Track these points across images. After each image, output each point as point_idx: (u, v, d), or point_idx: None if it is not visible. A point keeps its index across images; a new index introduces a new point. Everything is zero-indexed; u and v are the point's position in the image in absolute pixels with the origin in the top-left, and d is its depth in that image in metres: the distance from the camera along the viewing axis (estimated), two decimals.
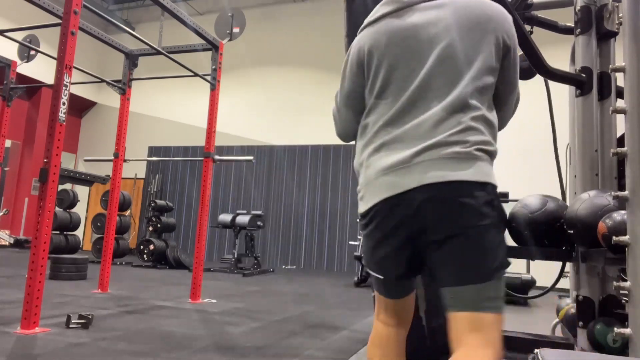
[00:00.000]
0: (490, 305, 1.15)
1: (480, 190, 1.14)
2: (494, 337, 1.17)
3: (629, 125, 1.40)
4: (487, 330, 1.15)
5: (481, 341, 1.15)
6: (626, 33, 1.44)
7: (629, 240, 1.36)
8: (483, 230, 1.14)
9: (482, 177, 1.15)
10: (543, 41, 2.93)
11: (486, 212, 1.14)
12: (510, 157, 8.71)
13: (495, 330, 1.17)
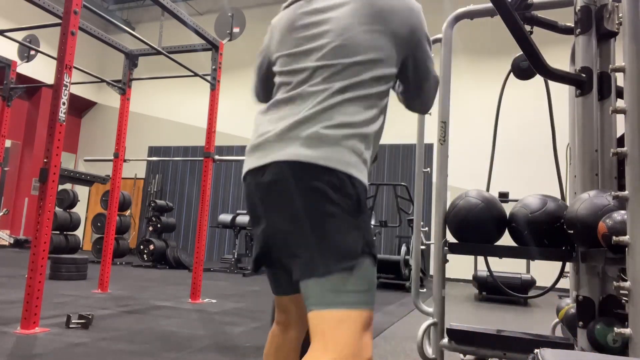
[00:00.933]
0: (339, 301, 0.98)
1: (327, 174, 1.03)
2: (338, 340, 0.96)
3: (629, 125, 1.40)
4: (330, 332, 0.97)
5: (320, 345, 0.97)
6: (626, 33, 1.44)
7: (629, 240, 1.36)
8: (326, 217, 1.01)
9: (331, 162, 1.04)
10: (543, 41, 2.93)
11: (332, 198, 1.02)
12: (510, 157, 8.71)
13: (341, 331, 0.97)
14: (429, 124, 2.67)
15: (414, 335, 2.18)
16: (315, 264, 1.00)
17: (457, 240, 2.17)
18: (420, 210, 2.72)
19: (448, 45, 2.37)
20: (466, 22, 2.49)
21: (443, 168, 2.31)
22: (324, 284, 0.99)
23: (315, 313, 0.98)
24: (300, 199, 1.02)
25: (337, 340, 0.96)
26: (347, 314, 0.98)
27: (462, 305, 5.49)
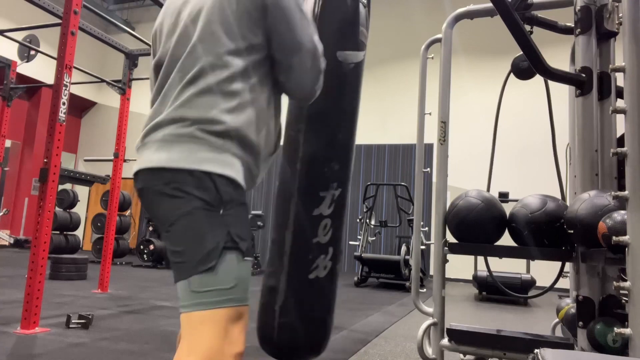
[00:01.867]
0: (198, 302, 0.96)
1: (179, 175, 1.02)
2: (200, 342, 0.95)
3: (629, 125, 1.40)
4: (192, 334, 0.96)
5: (184, 347, 0.96)
6: (626, 33, 1.44)
7: (629, 240, 1.36)
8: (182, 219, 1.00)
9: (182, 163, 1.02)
10: (543, 41, 2.93)
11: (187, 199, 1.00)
12: (510, 157, 8.71)
13: (203, 332, 0.95)
14: (429, 124, 2.67)
15: (414, 335, 2.18)
16: (179, 267, 1.00)
17: (457, 240, 2.17)
18: (420, 210, 2.72)
19: (448, 45, 2.37)
20: (466, 22, 2.49)
21: (443, 168, 2.31)
22: (187, 286, 0.98)
23: (183, 315, 0.99)
24: (158, 205, 1.05)
25: (199, 342, 0.95)
26: (208, 314, 0.96)
27: (462, 305, 5.49)
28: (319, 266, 2.07)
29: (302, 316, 2.07)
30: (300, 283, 2.07)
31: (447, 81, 2.36)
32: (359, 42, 2.17)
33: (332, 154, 2.11)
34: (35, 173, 10.86)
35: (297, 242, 2.08)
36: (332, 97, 2.13)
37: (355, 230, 9.49)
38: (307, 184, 2.09)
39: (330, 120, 2.14)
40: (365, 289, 6.58)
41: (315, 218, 2.07)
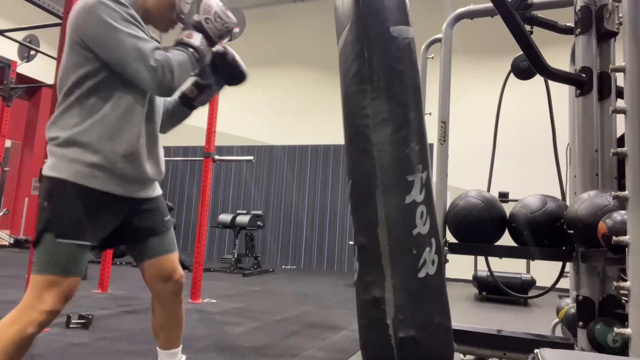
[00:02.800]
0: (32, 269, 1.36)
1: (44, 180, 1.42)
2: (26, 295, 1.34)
3: (629, 125, 1.40)
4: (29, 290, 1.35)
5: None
6: (626, 33, 1.44)
7: (629, 240, 1.36)
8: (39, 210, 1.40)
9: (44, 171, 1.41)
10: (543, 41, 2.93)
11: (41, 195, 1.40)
12: (510, 157, 8.71)
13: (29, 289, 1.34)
14: (429, 124, 2.66)
15: None
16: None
17: (457, 240, 2.17)
18: None
19: (448, 45, 2.37)
20: (466, 22, 2.49)
21: (443, 168, 2.31)
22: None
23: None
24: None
25: (26, 296, 1.34)
26: (32, 278, 1.34)
27: (462, 305, 5.49)
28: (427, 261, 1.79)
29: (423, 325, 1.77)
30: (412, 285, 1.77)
31: (447, 81, 2.36)
32: (408, 16, 2.09)
33: (408, 133, 1.90)
34: (35, 173, 10.86)
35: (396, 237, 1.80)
36: (395, 74, 1.95)
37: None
38: (391, 170, 1.86)
39: (398, 99, 1.94)
40: None
41: (409, 206, 1.82)
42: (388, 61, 1.97)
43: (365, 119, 1.93)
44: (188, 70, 1.45)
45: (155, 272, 1.59)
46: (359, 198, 1.93)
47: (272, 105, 10.94)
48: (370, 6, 2.02)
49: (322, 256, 10.13)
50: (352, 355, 2.78)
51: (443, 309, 1.82)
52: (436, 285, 1.80)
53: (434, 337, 1.77)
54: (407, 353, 1.73)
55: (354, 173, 1.98)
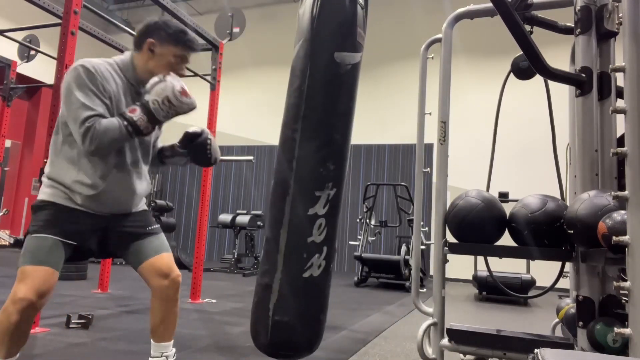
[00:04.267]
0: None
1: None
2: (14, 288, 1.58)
3: (629, 125, 1.40)
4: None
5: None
6: (626, 33, 1.44)
7: (629, 240, 1.36)
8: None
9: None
10: (543, 41, 2.93)
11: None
12: (510, 157, 8.71)
13: (16, 281, 1.59)
14: (429, 124, 2.67)
15: (414, 335, 2.18)
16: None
17: (457, 240, 2.17)
18: (420, 210, 2.72)
19: (448, 45, 2.37)
20: (466, 22, 2.49)
21: (443, 168, 2.31)
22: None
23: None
24: None
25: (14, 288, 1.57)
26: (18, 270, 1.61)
27: (462, 305, 5.49)
28: (314, 265, 2.09)
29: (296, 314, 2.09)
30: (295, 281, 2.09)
31: (447, 81, 2.36)
32: (356, 43, 2.18)
33: (327, 154, 2.12)
34: (35, 173, 10.86)
35: (292, 240, 2.09)
36: (329, 97, 2.15)
37: (355, 230, 9.49)
38: (303, 184, 2.11)
39: (326, 121, 2.15)
40: (365, 289, 6.58)
41: (310, 217, 2.09)
42: (325, 85, 2.16)
43: (295, 132, 2.14)
44: (116, 137, 1.66)
45: (152, 271, 1.80)
46: (274, 198, 2.19)
47: (272, 105, 10.93)
48: (320, 29, 2.18)
49: None
50: (352, 355, 2.78)
51: (319, 304, 2.15)
52: (318, 285, 2.12)
53: (305, 325, 2.11)
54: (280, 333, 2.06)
55: (276, 176, 2.23)
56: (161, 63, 1.80)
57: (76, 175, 1.72)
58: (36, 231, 1.65)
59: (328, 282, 2.18)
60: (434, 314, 2.19)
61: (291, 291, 2.08)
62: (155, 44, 1.78)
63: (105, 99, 1.69)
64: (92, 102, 1.65)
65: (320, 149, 2.12)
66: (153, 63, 1.79)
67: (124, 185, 1.80)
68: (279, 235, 2.11)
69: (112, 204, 1.79)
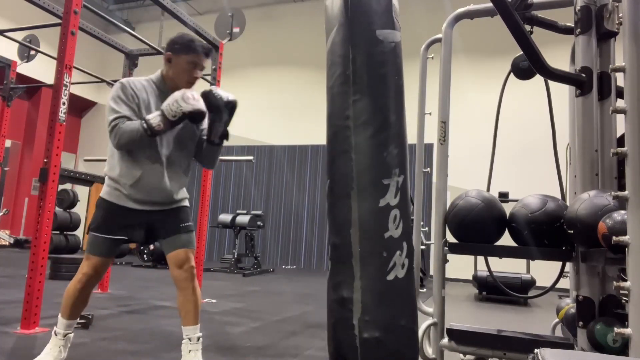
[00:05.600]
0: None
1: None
2: (81, 265, 2.17)
3: (629, 125, 1.40)
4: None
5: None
6: (626, 33, 1.44)
7: (629, 240, 1.36)
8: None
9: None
10: (543, 41, 2.93)
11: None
12: (510, 157, 8.71)
13: (82, 260, 2.17)
14: (429, 124, 2.67)
15: None
16: None
17: (457, 240, 2.17)
18: (420, 210, 2.72)
19: (448, 45, 2.37)
20: (466, 22, 2.49)
21: (443, 168, 2.31)
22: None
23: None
24: None
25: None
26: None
27: (462, 305, 5.49)
28: (397, 264, 1.80)
29: (388, 327, 1.77)
30: (380, 287, 1.78)
31: (447, 81, 2.36)
32: (395, 21, 2.09)
33: (387, 138, 1.91)
34: (35, 173, 10.86)
35: (367, 239, 1.82)
36: (378, 77, 1.98)
37: None
38: (367, 173, 1.88)
39: (380, 102, 1.95)
40: None
41: (382, 209, 1.84)
42: (372, 64, 1.98)
43: (346, 120, 1.95)
44: (134, 133, 2.04)
45: (172, 262, 2.16)
46: (335, 198, 1.95)
47: (272, 105, 10.94)
48: (357, 9, 2.02)
49: (322, 256, 10.12)
50: None
51: (410, 312, 1.83)
52: (405, 288, 1.81)
53: (398, 339, 1.78)
54: (371, 353, 1.74)
55: (331, 173, 2.00)
56: (178, 70, 2.16)
57: (120, 170, 2.12)
58: (92, 229, 2.14)
59: (414, 284, 1.89)
60: (434, 314, 2.19)
61: (376, 299, 1.77)
62: (172, 56, 2.16)
63: (133, 105, 2.11)
64: (120, 107, 2.08)
65: (379, 133, 1.90)
66: (172, 71, 2.18)
67: (157, 174, 2.14)
68: (349, 237, 1.82)
69: (150, 190, 2.13)
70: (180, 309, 2.15)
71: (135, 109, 2.11)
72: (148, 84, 2.19)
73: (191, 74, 2.17)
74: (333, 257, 1.92)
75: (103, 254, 2.14)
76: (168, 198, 2.19)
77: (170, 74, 2.19)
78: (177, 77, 2.17)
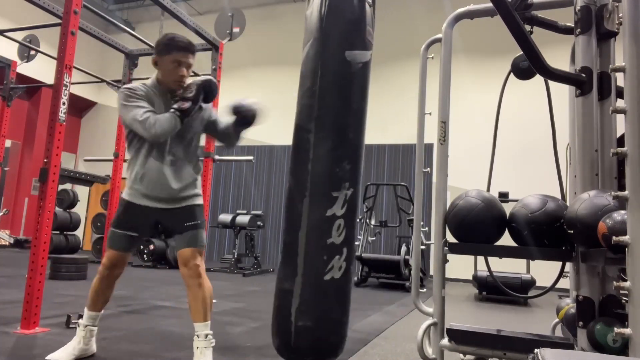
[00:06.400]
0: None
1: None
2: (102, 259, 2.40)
3: (629, 125, 1.40)
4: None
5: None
6: (626, 33, 1.44)
7: (629, 240, 1.36)
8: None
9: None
10: (543, 41, 2.93)
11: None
12: (510, 157, 8.71)
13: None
14: (429, 124, 2.67)
15: (414, 335, 2.18)
16: None
17: (457, 240, 2.17)
18: (420, 210, 2.72)
19: (448, 45, 2.37)
20: (466, 22, 2.49)
21: (443, 168, 2.31)
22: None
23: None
24: None
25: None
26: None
27: (462, 305, 5.49)
28: (334, 267, 2.05)
29: (320, 318, 2.04)
30: (316, 284, 2.04)
31: (447, 81, 2.36)
32: (366, 41, 2.16)
33: (343, 154, 2.10)
34: (35, 173, 10.86)
35: (311, 243, 2.06)
36: (341, 96, 2.11)
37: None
38: (320, 185, 2.08)
39: (340, 120, 2.12)
40: (365, 289, 6.58)
41: (328, 218, 2.06)
42: (337, 84, 2.14)
43: (309, 133, 2.14)
44: (170, 123, 2.12)
45: (179, 259, 2.24)
46: (291, 201, 2.16)
47: (272, 105, 10.92)
48: (330, 28, 2.14)
49: None
50: (352, 355, 2.78)
51: (341, 307, 2.12)
52: (339, 287, 2.08)
53: (328, 328, 2.06)
54: (303, 338, 2.00)
55: (291, 179, 2.21)
56: (164, 71, 2.23)
57: (132, 168, 2.28)
58: (112, 225, 2.33)
59: (349, 284, 2.14)
60: (434, 314, 2.19)
61: (313, 295, 2.03)
62: (157, 59, 2.24)
63: (147, 102, 2.19)
64: (141, 104, 2.15)
65: (336, 149, 2.10)
66: (160, 73, 2.26)
67: (159, 170, 2.24)
68: (298, 238, 2.07)
69: (154, 186, 2.24)
70: (189, 306, 2.23)
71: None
72: (146, 89, 2.25)
73: (177, 72, 2.21)
74: (283, 252, 2.17)
75: (119, 249, 2.30)
76: (172, 195, 2.27)
77: (160, 77, 2.26)
78: (165, 79, 2.23)
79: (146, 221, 2.32)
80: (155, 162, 2.23)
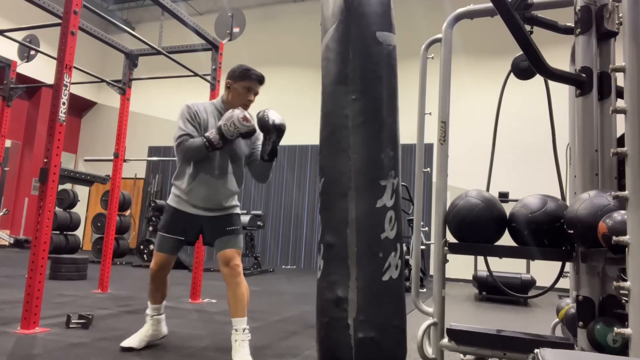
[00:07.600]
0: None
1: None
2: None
3: (629, 125, 1.40)
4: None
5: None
6: (626, 33, 1.44)
7: (629, 240, 1.36)
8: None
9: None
10: (543, 41, 2.93)
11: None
12: (511, 156, 8.71)
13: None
14: (429, 124, 2.67)
15: (414, 335, 2.18)
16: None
17: (457, 240, 2.17)
18: (420, 210, 2.72)
19: (448, 45, 2.37)
20: (466, 22, 2.49)
21: (443, 168, 2.31)
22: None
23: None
24: None
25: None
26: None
27: (462, 305, 5.49)
28: (392, 265, 1.80)
29: (382, 327, 1.78)
30: (375, 287, 1.78)
31: (447, 81, 2.36)
32: (393, 24, 2.09)
33: (385, 139, 1.90)
34: (35, 173, 10.86)
35: (364, 240, 1.81)
36: (378, 78, 1.96)
37: None
38: (366, 173, 1.86)
39: (379, 103, 1.93)
40: None
41: (379, 210, 1.82)
42: (371, 65, 1.97)
43: (345, 119, 1.92)
44: (199, 150, 2.40)
45: (220, 260, 2.48)
46: (330, 197, 1.93)
47: (272, 105, 10.88)
48: (358, 8, 2.00)
49: None
50: None
51: (401, 312, 1.87)
52: (397, 288, 1.83)
53: (392, 339, 1.81)
54: (366, 353, 1.74)
55: (327, 172, 1.96)
56: (235, 94, 2.57)
57: (181, 178, 2.53)
58: (160, 229, 2.57)
59: (404, 285, 1.90)
60: (434, 314, 2.19)
61: (372, 300, 1.78)
62: (231, 83, 2.58)
63: (195, 124, 2.49)
64: (186, 126, 2.45)
65: (377, 134, 1.89)
66: (231, 95, 2.58)
67: (210, 184, 2.50)
68: (346, 237, 1.83)
69: (203, 198, 2.50)
70: (229, 302, 2.47)
71: (197, 127, 2.49)
72: (209, 106, 2.59)
73: (246, 97, 2.57)
74: (326, 257, 1.90)
75: (166, 251, 2.53)
76: (218, 205, 2.54)
77: (229, 98, 2.58)
78: (234, 100, 2.56)
79: (194, 226, 2.55)
80: (205, 176, 2.48)
